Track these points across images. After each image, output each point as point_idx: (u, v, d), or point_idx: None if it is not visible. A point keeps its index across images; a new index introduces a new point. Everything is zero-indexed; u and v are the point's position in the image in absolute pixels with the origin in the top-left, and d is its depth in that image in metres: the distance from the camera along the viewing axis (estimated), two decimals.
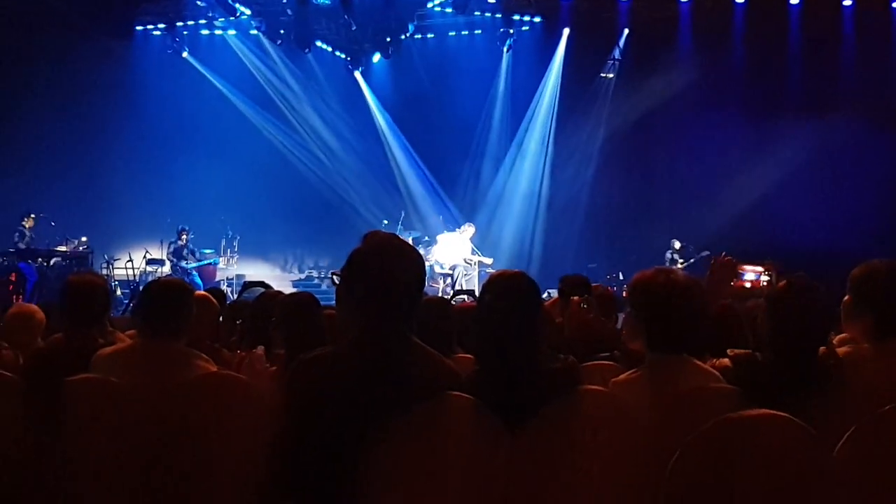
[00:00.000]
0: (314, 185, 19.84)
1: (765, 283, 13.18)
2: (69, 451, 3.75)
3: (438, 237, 17.42)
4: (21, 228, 15.76)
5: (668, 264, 16.55)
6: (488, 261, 17.22)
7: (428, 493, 2.86)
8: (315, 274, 19.91)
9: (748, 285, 13.16)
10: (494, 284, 3.30)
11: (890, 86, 17.24)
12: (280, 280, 17.24)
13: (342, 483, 2.81)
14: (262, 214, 18.89)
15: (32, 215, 15.90)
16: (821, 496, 2.89)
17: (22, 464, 3.86)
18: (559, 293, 6.10)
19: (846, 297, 3.88)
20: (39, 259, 15.61)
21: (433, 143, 19.79)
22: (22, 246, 15.65)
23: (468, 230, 17.36)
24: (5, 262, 15.42)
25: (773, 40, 18.18)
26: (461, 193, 20.06)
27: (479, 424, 2.98)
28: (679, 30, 18.71)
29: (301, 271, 20.35)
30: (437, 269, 16.89)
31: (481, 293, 3.34)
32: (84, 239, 16.38)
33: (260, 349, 4.56)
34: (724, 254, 4.38)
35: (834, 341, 4.01)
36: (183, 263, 17.02)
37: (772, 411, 2.97)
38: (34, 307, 5.90)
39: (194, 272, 16.98)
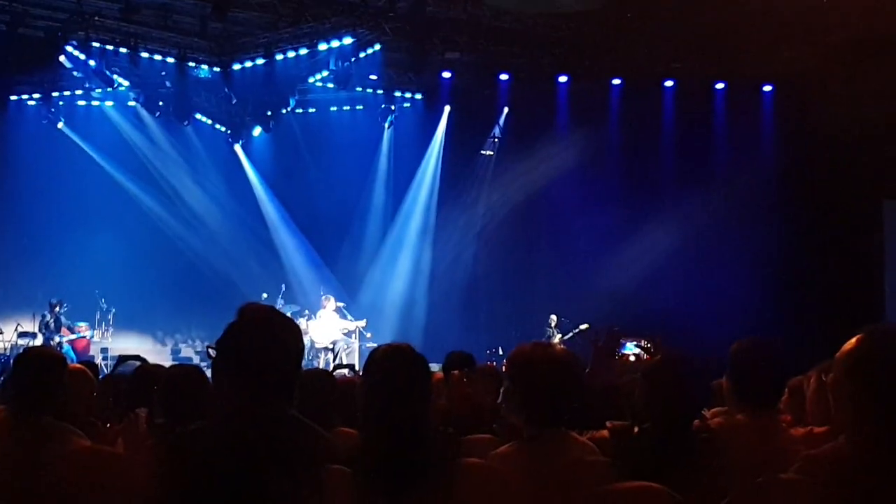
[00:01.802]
0: (192, 257, 19.58)
1: (646, 357, 13.37)
2: None
3: (319, 312, 17.35)
4: None
5: (546, 339, 16.76)
6: (361, 323, 17.28)
7: None
8: (191, 348, 19.55)
9: (633, 358, 13.39)
10: (381, 356, 3.28)
11: (759, 164, 17.94)
12: (155, 354, 16.85)
13: None
14: (137, 287, 18.55)
15: None
16: None
17: None
18: (443, 369, 6.14)
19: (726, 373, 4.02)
20: None
21: (315, 218, 19.78)
22: None
23: (328, 302, 17.40)
24: None
25: (648, 120, 18.77)
26: (343, 268, 20.02)
27: (358, 497, 2.96)
28: (557, 109, 19.15)
29: (177, 344, 19.96)
30: (319, 344, 16.79)
31: (367, 364, 3.32)
32: None
33: (142, 411, 4.44)
34: (613, 326, 4.48)
35: (707, 415, 4.13)
36: (56, 337, 16.54)
37: (645, 483, 3.03)
38: None
39: (67, 345, 16.49)
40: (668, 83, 18.56)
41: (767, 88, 18.40)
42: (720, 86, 18.44)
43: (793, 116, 17.75)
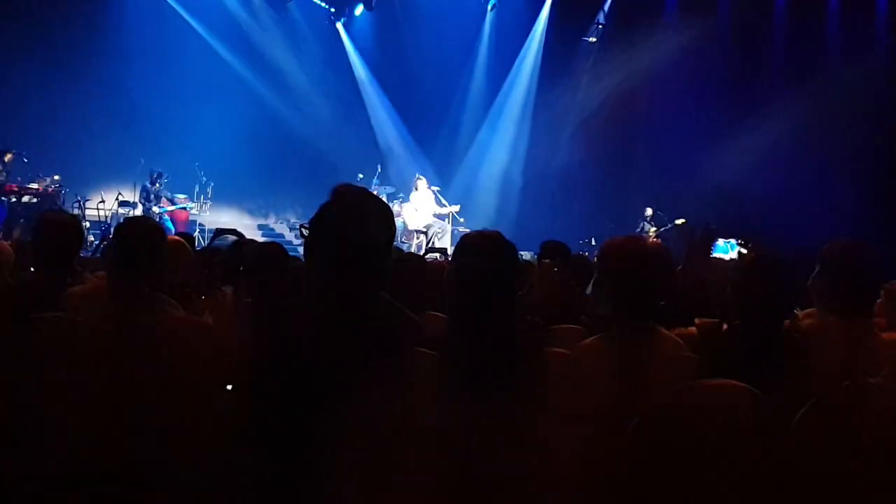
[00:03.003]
0: (290, 135, 19.69)
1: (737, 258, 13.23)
2: (33, 386, 3.76)
3: (412, 195, 17.41)
4: None
5: (640, 232, 16.62)
6: (455, 208, 17.28)
7: (387, 448, 2.87)
8: (285, 224, 19.85)
9: (726, 258, 13.26)
10: (471, 242, 3.26)
11: (871, 63, 17.28)
12: (250, 229, 17.17)
13: (300, 435, 2.82)
14: (236, 162, 18.75)
15: (11, 152, 15.71)
16: (776, 465, 2.94)
17: None
18: (537, 258, 6.15)
19: (815, 272, 3.94)
20: (11, 196, 15.48)
21: (413, 100, 19.71)
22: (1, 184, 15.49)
23: (422, 185, 17.41)
24: None
25: (759, 10, 18.15)
26: (439, 152, 20.00)
27: (442, 382, 2.99)
28: None
29: (272, 221, 20.27)
30: (411, 227, 16.90)
31: (456, 251, 3.31)
32: (56, 178, 16.21)
33: (228, 289, 4.54)
34: (709, 224, 4.41)
35: (799, 315, 4.06)
36: (155, 207, 16.90)
37: (731, 381, 3.01)
38: (3, 244, 5.87)
39: (166, 216, 16.87)
40: None
41: None
42: None
43: None
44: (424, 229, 16.86)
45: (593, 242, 16.58)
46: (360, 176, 17.60)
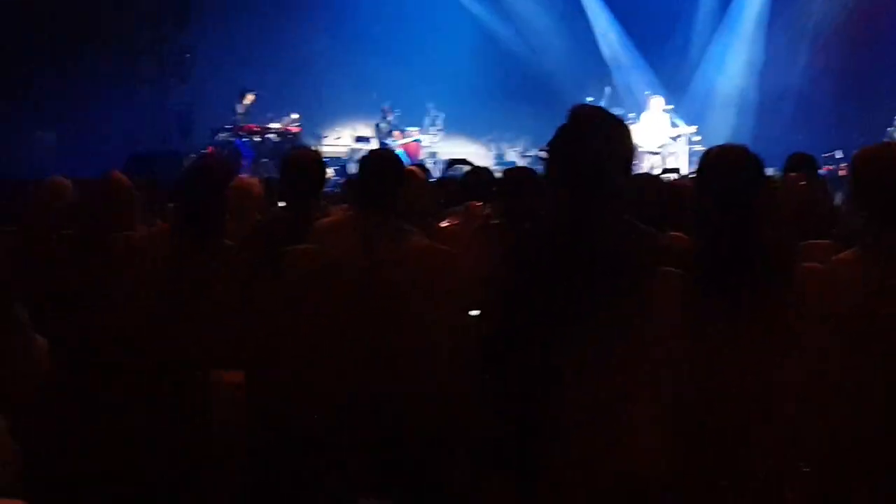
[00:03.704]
0: (516, 61, 19.68)
1: None
2: (288, 314, 3.93)
3: (644, 115, 17.04)
4: (240, 105, 16.30)
5: (889, 140, 15.70)
6: (691, 129, 16.80)
7: (635, 367, 2.84)
8: (515, 151, 19.86)
9: None
10: (715, 157, 3.18)
11: None
12: (480, 158, 17.28)
13: (547, 353, 2.83)
14: (464, 92, 18.90)
15: (252, 93, 16.40)
16: None
17: (241, 323, 4.10)
18: (783, 171, 5.92)
19: None
20: (253, 136, 16.18)
21: (639, 16, 19.23)
22: (242, 122, 16.21)
23: (656, 104, 16.96)
24: (221, 139, 16.06)
25: None
26: (669, 69, 19.42)
27: (691, 299, 2.94)
28: None
29: (501, 149, 20.33)
30: (643, 148, 16.55)
31: (700, 166, 3.22)
32: (295, 116, 16.78)
33: (478, 204, 4.60)
34: None
35: None
36: (388, 140, 17.27)
37: None
38: (253, 181, 6.15)
39: (400, 149, 17.20)
40: None
41: None
42: None
43: None
44: (658, 150, 16.52)
45: (837, 155, 15.79)
46: (590, 99, 17.32)
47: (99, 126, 15.06)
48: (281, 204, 5.01)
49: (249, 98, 16.36)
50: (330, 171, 15.50)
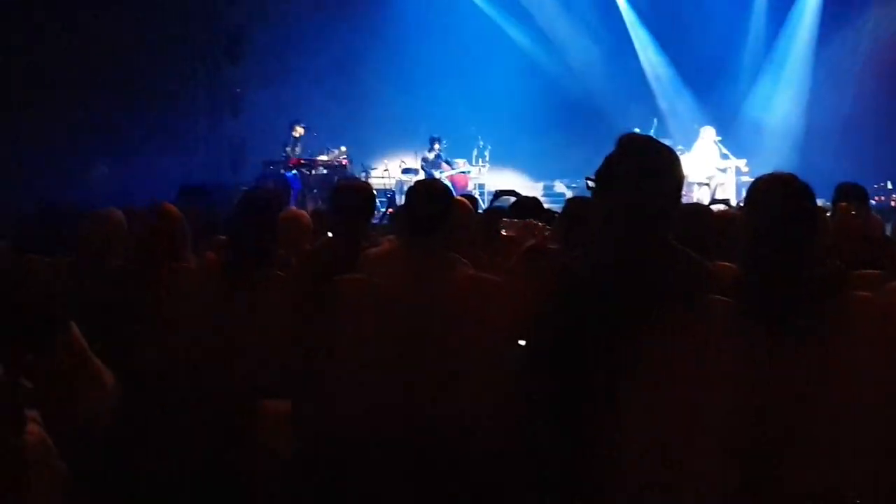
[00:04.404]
0: (563, 94, 19.65)
1: None
2: (337, 343, 3.96)
3: (695, 144, 16.96)
4: (290, 138, 16.50)
5: None
6: (741, 162, 16.68)
7: (683, 394, 2.83)
8: (562, 183, 19.83)
9: None
10: (765, 186, 3.13)
11: None
12: (528, 189, 17.24)
13: (597, 382, 2.82)
14: (511, 124, 18.91)
15: (301, 125, 16.59)
16: None
17: (290, 352, 4.13)
18: (832, 202, 5.89)
19: None
20: (302, 168, 16.35)
21: (687, 48, 19.14)
22: (292, 154, 16.40)
23: (707, 134, 16.86)
24: (272, 170, 16.25)
25: None
26: (717, 100, 19.31)
27: (739, 328, 2.92)
28: None
29: (550, 180, 20.29)
30: (692, 179, 16.46)
31: (749, 194, 3.18)
32: (343, 149, 16.92)
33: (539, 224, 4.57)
34: None
35: None
36: (436, 172, 17.33)
37: None
38: (302, 212, 6.22)
39: (447, 180, 17.24)
40: None
41: None
42: None
43: None
44: (707, 181, 16.44)
45: (889, 186, 15.61)
46: (637, 130, 17.29)
47: (151, 157, 15.27)
48: (329, 234, 5.05)
49: (299, 131, 16.57)
50: (378, 203, 15.61)
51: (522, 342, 3.30)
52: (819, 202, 3.24)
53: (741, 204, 3.79)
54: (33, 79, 14.46)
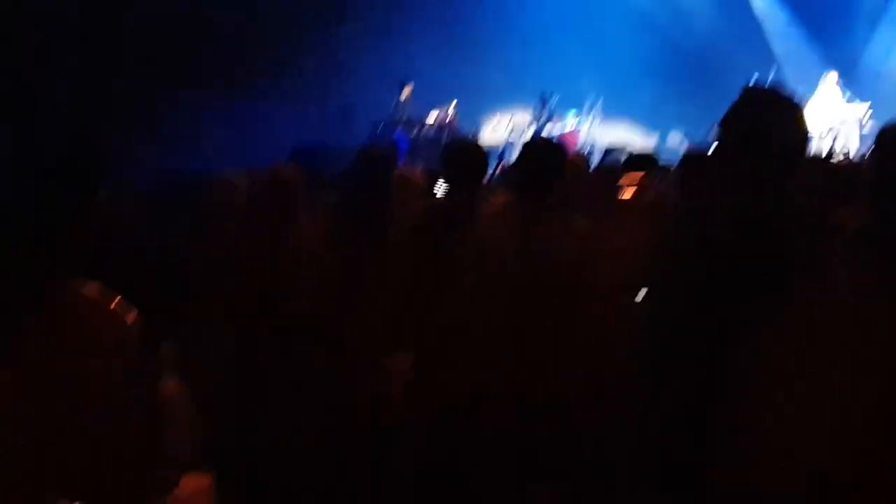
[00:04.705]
0: (677, 45, 19.30)
1: None
2: (454, 298, 3.99)
3: (817, 91, 16.45)
4: (399, 98, 16.53)
5: None
6: (862, 107, 16.15)
7: (812, 349, 2.71)
8: (676, 136, 19.49)
9: None
10: (892, 134, 3.00)
11: None
12: (641, 139, 17.07)
13: (717, 335, 2.75)
14: (623, 76, 18.61)
15: (409, 85, 16.60)
16: None
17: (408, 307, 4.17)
18: None
19: None
20: (412, 127, 16.37)
21: None
22: (403, 116, 16.45)
23: (830, 76, 16.38)
24: (381, 131, 16.31)
25: None
26: (839, 44, 18.68)
27: (864, 281, 2.81)
28: None
29: (662, 133, 19.97)
30: (814, 129, 15.93)
31: (878, 143, 3.06)
32: (454, 103, 16.83)
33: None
34: None
35: None
36: (546, 128, 17.17)
37: None
38: (415, 171, 6.23)
39: (558, 136, 17.07)
40: None
41: None
42: None
43: None
44: (828, 131, 15.96)
45: None
46: (756, 75, 16.83)
47: (264, 119, 15.50)
48: (441, 192, 5.07)
49: (408, 90, 16.56)
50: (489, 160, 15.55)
51: (640, 299, 3.27)
52: None
53: (863, 156, 3.66)
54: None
